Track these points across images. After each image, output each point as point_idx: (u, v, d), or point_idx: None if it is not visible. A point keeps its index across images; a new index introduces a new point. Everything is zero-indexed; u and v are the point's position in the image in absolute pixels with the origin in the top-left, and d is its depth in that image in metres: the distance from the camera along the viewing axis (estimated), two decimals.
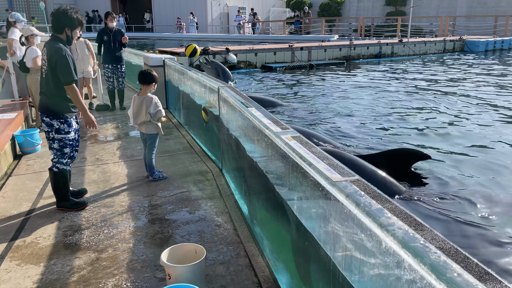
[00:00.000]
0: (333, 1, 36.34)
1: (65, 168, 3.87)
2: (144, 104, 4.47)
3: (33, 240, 3.35)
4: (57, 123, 3.74)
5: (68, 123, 3.79)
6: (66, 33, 3.73)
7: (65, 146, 3.81)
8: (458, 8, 31.70)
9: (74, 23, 3.74)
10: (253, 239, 3.33)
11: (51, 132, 3.76)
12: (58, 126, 3.75)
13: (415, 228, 1.36)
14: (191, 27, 30.59)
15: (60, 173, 3.85)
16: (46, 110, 3.73)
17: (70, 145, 3.85)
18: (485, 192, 4.76)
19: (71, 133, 3.83)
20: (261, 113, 3.31)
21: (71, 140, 3.85)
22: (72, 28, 3.75)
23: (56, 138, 3.77)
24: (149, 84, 4.54)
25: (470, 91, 10.99)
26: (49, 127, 3.75)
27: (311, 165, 2.04)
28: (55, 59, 3.59)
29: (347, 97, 10.33)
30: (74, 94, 3.69)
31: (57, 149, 3.81)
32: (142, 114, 4.49)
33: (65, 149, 3.82)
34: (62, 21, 3.69)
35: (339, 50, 18.06)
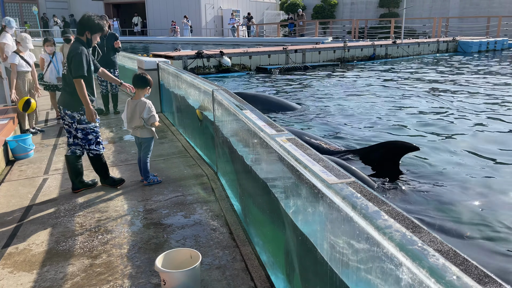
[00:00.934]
0: (326, 3, 36.45)
1: (98, 152, 4.35)
2: (138, 109, 4.42)
3: (25, 247, 3.30)
4: (77, 115, 4.16)
5: None
6: (86, 36, 4.16)
7: (88, 133, 4.26)
8: (450, 9, 31.91)
9: (95, 28, 4.15)
10: (249, 242, 3.30)
11: (73, 124, 4.20)
12: (79, 118, 4.18)
13: (413, 230, 1.34)
14: (185, 30, 30.57)
15: (96, 157, 4.36)
16: (67, 104, 4.16)
17: (92, 132, 4.28)
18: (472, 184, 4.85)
19: (92, 122, 4.24)
20: (256, 115, 3.28)
21: (92, 128, 4.28)
22: (92, 33, 4.16)
23: (78, 128, 4.22)
24: (143, 88, 4.50)
25: (463, 90, 11.05)
26: (71, 119, 4.19)
27: (307, 167, 2.02)
28: (71, 55, 4.03)
29: (340, 97, 10.35)
30: (80, 88, 4.03)
31: (82, 138, 4.27)
32: (136, 118, 4.44)
33: (89, 136, 4.27)
34: (84, 25, 4.14)
35: (333, 52, 18.10)
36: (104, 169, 4.46)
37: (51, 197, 4.25)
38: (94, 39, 4.19)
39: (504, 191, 4.71)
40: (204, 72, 14.00)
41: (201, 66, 14.11)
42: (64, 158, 4.56)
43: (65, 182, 4.66)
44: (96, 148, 4.34)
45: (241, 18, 32.52)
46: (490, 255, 3.41)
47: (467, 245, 3.58)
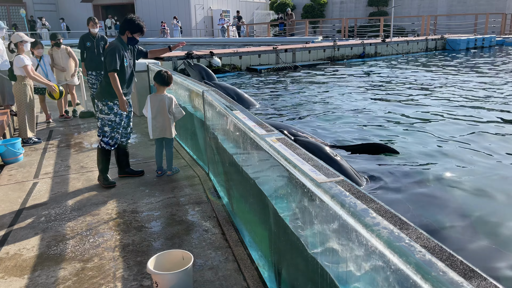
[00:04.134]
0: (316, 2, 36.56)
1: (105, 148, 4.52)
2: (166, 102, 4.65)
3: (16, 251, 3.28)
4: (100, 104, 4.47)
5: (108, 106, 4.45)
6: (126, 35, 4.47)
7: (104, 125, 4.49)
8: (438, 7, 32.20)
9: (134, 28, 4.44)
10: (241, 243, 3.31)
11: (97, 112, 4.55)
12: (101, 107, 4.47)
13: (400, 227, 1.36)
14: (175, 31, 30.44)
15: (102, 150, 4.54)
16: (97, 93, 4.53)
17: (109, 125, 4.49)
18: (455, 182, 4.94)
19: (111, 115, 4.47)
20: (246, 115, 3.29)
21: (110, 121, 4.48)
22: (132, 32, 4.45)
23: (99, 117, 4.52)
24: (167, 85, 4.76)
25: (450, 87, 11.16)
26: (97, 108, 4.57)
27: (296, 166, 2.03)
28: (107, 51, 4.36)
29: (328, 96, 10.40)
30: (114, 80, 4.33)
31: (99, 127, 4.54)
32: (163, 113, 4.64)
33: (105, 127, 4.49)
34: (125, 25, 4.44)
35: (323, 51, 18.16)
36: (104, 165, 4.57)
37: (42, 201, 4.22)
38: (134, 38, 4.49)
39: (488, 188, 4.77)
40: None
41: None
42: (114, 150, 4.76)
43: (55, 186, 4.63)
44: (108, 142, 4.53)
45: (231, 19, 32.49)
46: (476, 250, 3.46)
47: (452, 240, 3.63)
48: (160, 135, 4.73)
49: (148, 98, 4.71)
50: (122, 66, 4.42)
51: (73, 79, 7.95)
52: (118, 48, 4.36)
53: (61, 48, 7.82)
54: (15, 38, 6.43)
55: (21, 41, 6.40)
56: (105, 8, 36.04)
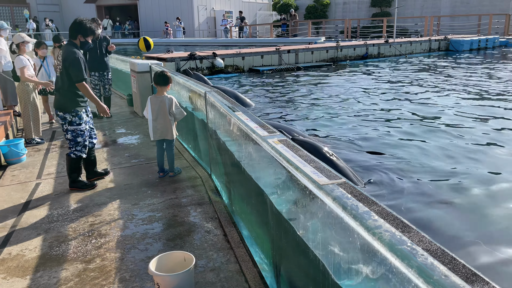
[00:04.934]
0: (319, 3, 36.54)
1: (81, 155, 4.45)
2: (167, 103, 4.63)
3: (18, 252, 3.28)
4: (69, 116, 4.31)
5: (79, 116, 4.37)
6: (79, 39, 4.35)
7: (77, 135, 4.40)
8: (442, 8, 32.11)
9: (87, 32, 4.37)
10: (243, 244, 3.31)
11: (64, 125, 4.36)
12: (70, 119, 4.32)
13: (402, 230, 1.35)
14: (177, 32, 30.49)
15: (76, 159, 4.45)
16: (59, 106, 4.32)
17: (82, 135, 4.42)
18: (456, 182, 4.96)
19: (82, 124, 4.40)
20: (248, 117, 3.29)
21: (82, 131, 4.41)
22: (85, 36, 4.37)
23: (69, 129, 4.36)
24: (166, 85, 4.72)
25: (452, 87, 11.13)
26: (63, 120, 4.34)
27: (298, 168, 2.03)
28: (69, 60, 4.19)
29: (330, 96, 10.39)
30: (86, 90, 4.31)
31: (70, 139, 4.40)
32: (164, 114, 4.64)
33: (78, 138, 4.40)
34: (77, 29, 4.32)
35: (326, 52, 18.15)
36: (78, 172, 4.51)
37: (44, 202, 4.23)
38: (87, 42, 4.42)
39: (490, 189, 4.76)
40: None
41: (194, 67, 14.09)
42: None
43: (58, 186, 4.64)
44: (81, 150, 4.45)
45: (234, 19, 32.51)
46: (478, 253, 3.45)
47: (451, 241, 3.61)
48: (161, 136, 4.73)
49: (149, 100, 4.72)
50: (86, 73, 4.39)
51: None
52: (80, 55, 4.28)
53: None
54: (16, 39, 6.46)
55: (23, 41, 6.42)
56: (108, 8, 36.15)
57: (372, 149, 6.12)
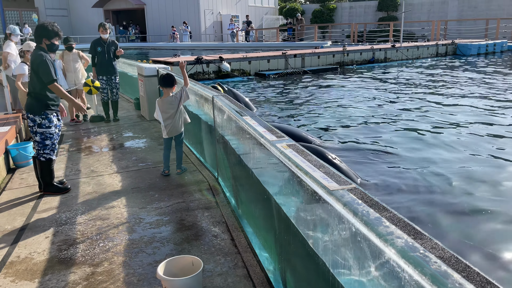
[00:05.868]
0: (325, 7, 36.59)
1: (50, 157, 4.46)
2: (174, 103, 4.81)
3: (27, 255, 3.30)
4: (39, 118, 4.34)
5: (48, 119, 4.39)
6: (44, 43, 4.37)
7: (46, 138, 4.41)
8: (449, 12, 32.01)
9: (50, 34, 4.36)
10: (250, 249, 3.30)
11: (34, 127, 4.37)
12: (40, 122, 4.35)
13: (414, 237, 1.34)
14: (184, 36, 30.64)
15: (46, 162, 4.45)
16: (30, 108, 4.36)
17: (50, 138, 4.44)
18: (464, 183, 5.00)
19: (52, 127, 4.42)
20: (256, 121, 3.29)
21: (51, 134, 4.43)
22: (49, 38, 4.36)
23: (38, 132, 4.38)
24: (171, 87, 4.87)
25: (460, 91, 11.07)
26: (32, 122, 4.37)
27: (308, 174, 2.02)
28: (36, 63, 4.25)
29: (336, 101, 10.37)
30: (58, 90, 4.35)
31: (39, 142, 4.41)
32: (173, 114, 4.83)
33: (46, 141, 4.41)
34: (40, 33, 4.34)
35: (333, 56, 18.14)
36: (51, 176, 4.51)
37: (52, 205, 4.25)
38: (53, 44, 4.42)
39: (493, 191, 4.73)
40: (204, 78, 14.04)
41: (200, 71, 14.15)
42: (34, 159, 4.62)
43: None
44: (50, 153, 4.46)
45: (240, 23, 32.62)
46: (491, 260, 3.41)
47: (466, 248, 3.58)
48: (171, 134, 4.98)
49: (157, 103, 4.90)
50: (56, 74, 4.40)
51: (82, 83, 8.03)
52: (46, 58, 4.30)
53: (72, 52, 7.91)
54: (25, 46, 6.56)
55: (28, 50, 6.51)
56: (116, 13, 36.43)
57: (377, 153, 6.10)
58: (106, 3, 34.62)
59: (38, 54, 4.30)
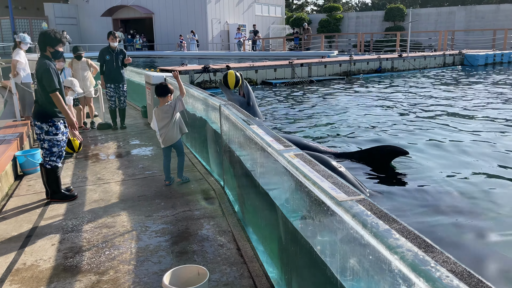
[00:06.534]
0: (332, 17, 36.74)
1: (56, 165, 4.48)
2: (169, 112, 4.79)
3: (33, 262, 3.30)
4: (46, 126, 4.38)
5: (55, 126, 4.42)
6: (49, 51, 4.39)
7: (53, 145, 4.44)
8: (456, 22, 32.01)
9: (54, 42, 4.38)
10: (256, 259, 3.27)
11: (41, 134, 4.40)
12: (47, 129, 4.39)
13: (425, 250, 1.32)
14: (191, 45, 30.86)
15: (52, 169, 4.47)
16: (37, 115, 4.39)
17: (58, 145, 4.47)
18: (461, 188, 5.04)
19: (59, 134, 4.46)
20: (263, 130, 3.29)
21: (58, 141, 4.47)
22: (53, 46, 4.38)
23: (45, 139, 4.41)
24: (164, 96, 4.85)
25: (470, 103, 11.00)
26: (39, 130, 4.40)
27: (315, 184, 2.01)
28: (40, 72, 4.28)
29: (342, 110, 10.35)
30: (58, 100, 4.32)
31: (46, 149, 4.43)
32: (168, 122, 4.80)
33: (53, 148, 4.44)
34: (44, 41, 4.37)
35: (339, 66, 18.16)
36: (57, 183, 4.53)
37: (59, 212, 4.26)
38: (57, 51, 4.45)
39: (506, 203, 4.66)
40: (211, 86, 14.10)
41: (207, 80, 14.21)
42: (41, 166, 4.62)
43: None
44: (56, 160, 4.49)
45: (247, 33, 32.82)
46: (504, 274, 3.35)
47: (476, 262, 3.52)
48: (168, 143, 4.92)
49: (153, 112, 4.91)
50: (60, 83, 4.42)
51: (91, 91, 8.10)
52: (51, 66, 4.33)
53: (81, 60, 8.00)
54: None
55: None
56: (124, 22, 36.83)
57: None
58: (115, 12, 35.03)
59: (42, 63, 4.33)
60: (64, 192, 4.59)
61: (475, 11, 31.87)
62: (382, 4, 41.84)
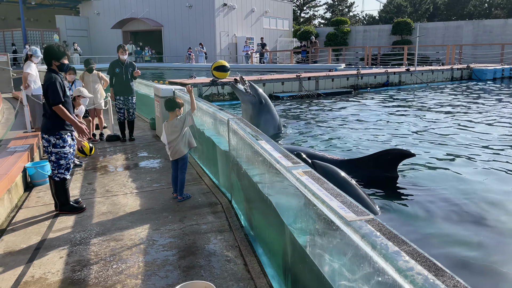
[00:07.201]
0: (339, 30, 36.95)
1: (65, 177, 4.53)
2: (178, 126, 4.82)
3: (41, 275, 3.31)
4: (53, 139, 4.44)
5: (63, 139, 4.48)
6: (54, 64, 4.46)
7: (60, 158, 4.49)
8: (464, 36, 32.04)
9: (58, 55, 4.45)
10: (264, 275, 3.26)
11: (49, 147, 4.47)
12: (54, 142, 4.45)
13: (435, 273, 1.32)
14: (200, 57, 31.15)
15: (61, 181, 4.52)
16: (44, 128, 4.48)
17: (65, 158, 4.52)
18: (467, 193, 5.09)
19: (66, 147, 4.51)
20: (271, 146, 3.30)
21: (66, 154, 4.52)
22: (58, 59, 4.45)
23: (53, 151, 4.46)
24: (173, 110, 4.87)
25: (479, 117, 10.95)
26: (47, 143, 4.46)
27: (324, 202, 2.01)
28: (46, 85, 4.35)
29: (350, 124, 10.35)
30: (62, 112, 4.37)
31: (54, 161, 4.49)
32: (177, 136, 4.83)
33: (61, 161, 4.50)
34: (48, 56, 4.44)
35: (347, 80, 18.19)
36: (66, 195, 4.57)
37: (68, 225, 4.29)
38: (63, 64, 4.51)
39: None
40: (219, 99, 14.18)
41: (215, 93, 14.31)
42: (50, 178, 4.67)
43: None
44: (64, 173, 4.54)
45: (255, 45, 33.09)
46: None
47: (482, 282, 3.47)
48: (175, 157, 4.94)
49: (163, 126, 4.95)
50: (66, 96, 4.47)
51: (100, 103, 8.19)
52: (57, 80, 4.38)
53: (92, 73, 8.11)
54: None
55: None
56: (134, 34, 37.33)
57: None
58: (125, 25, 35.54)
59: (49, 76, 4.41)
60: (72, 204, 4.63)
61: (483, 25, 31.89)
62: (390, 17, 42.03)
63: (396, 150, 6.19)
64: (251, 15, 35.96)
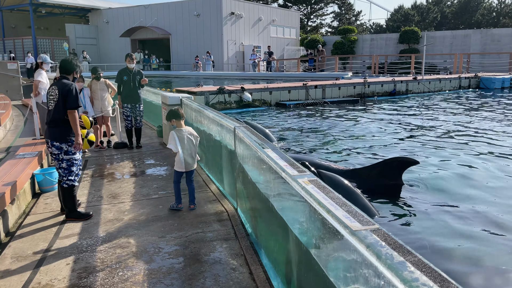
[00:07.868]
0: (346, 39, 37.02)
1: (73, 184, 4.57)
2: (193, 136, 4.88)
3: (48, 282, 3.33)
4: (65, 145, 4.49)
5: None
6: (73, 75, 4.69)
7: (72, 165, 4.56)
8: (472, 45, 31.94)
9: (76, 69, 4.72)
10: (269, 284, 3.25)
11: (60, 154, 4.51)
12: (66, 149, 4.50)
13: (441, 284, 1.31)
14: (207, 65, 31.36)
15: (69, 188, 4.56)
16: (55, 136, 4.48)
17: (76, 164, 4.60)
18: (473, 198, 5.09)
19: (76, 154, 4.59)
20: (277, 154, 3.31)
21: (76, 160, 4.59)
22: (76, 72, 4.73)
23: (64, 158, 4.51)
24: (183, 119, 4.92)
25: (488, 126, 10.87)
26: (58, 150, 4.50)
27: (330, 212, 2.01)
28: (66, 90, 4.43)
29: (356, 132, 10.33)
30: (73, 118, 4.44)
31: (65, 168, 4.53)
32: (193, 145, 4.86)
33: (72, 167, 4.56)
34: (65, 68, 4.64)
35: (353, 88, 18.20)
36: (73, 202, 4.61)
37: (74, 231, 4.31)
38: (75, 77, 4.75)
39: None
40: (226, 107, 14.25)
41: (222, 101, 14.38)
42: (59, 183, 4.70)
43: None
44: (74, 180, 4.59)
45: (262, 54, 33.25)
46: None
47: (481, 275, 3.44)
48: (189, 168, 4.88)
49: (174, 134, 4.77)
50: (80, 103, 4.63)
51: (108, 111, 8.27)
52: (75, 86, 4.53)
53: (100, 81, 8.20)
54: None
55: None
56: (142, 42, 37.71)
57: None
58: (133, 33, 35.94)
59: (67, 83, 4.54)
60: (79, 211, 4.66)
61: (491, 34, 31.79)
62: (397, 26, 42.06)
63: (400, 158, 6.20)
64: (259, 23, 36.20)
